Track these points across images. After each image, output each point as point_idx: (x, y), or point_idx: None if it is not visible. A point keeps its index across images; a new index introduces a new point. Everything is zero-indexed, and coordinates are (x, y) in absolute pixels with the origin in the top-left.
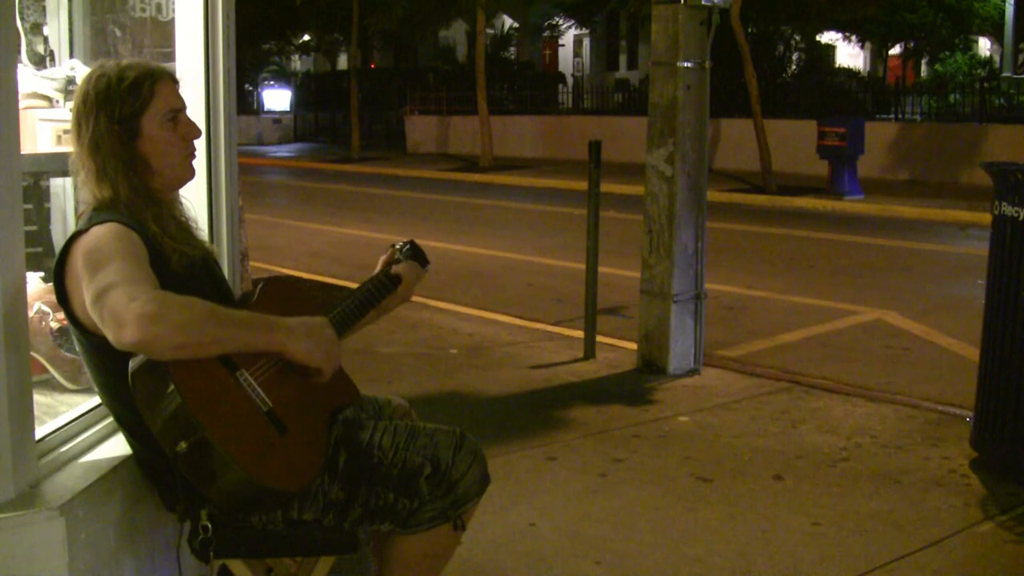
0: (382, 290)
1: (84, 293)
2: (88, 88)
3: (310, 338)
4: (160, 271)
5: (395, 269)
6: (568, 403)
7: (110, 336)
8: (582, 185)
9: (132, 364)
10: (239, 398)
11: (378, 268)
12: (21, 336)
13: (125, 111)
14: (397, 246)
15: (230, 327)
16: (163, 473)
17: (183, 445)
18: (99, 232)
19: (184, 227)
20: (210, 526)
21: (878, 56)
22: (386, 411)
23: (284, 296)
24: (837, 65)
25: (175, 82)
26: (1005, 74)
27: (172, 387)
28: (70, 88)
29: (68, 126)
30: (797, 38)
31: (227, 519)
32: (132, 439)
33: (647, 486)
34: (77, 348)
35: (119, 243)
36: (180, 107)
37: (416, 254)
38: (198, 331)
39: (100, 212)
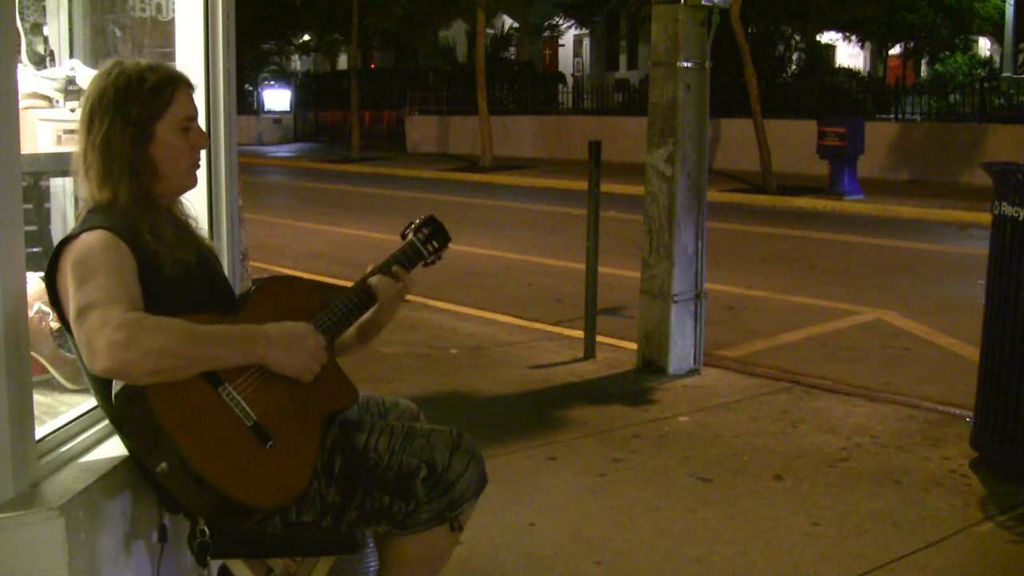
0: (360, 306)
1: (69, 305)
2: (106, 85)
3: (291, 349)
4: (151, 280)
5: (371, 281)
6: (568, 403)
7: (85, 362)
8: (582, 185)
9: (115, 384)
10: (221, 414)
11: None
12: (21, 336)
13: (143, 114)
14: (413, 225)
15: (207, 346)
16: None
17: (164, 466)
18: (88, 240)
19: (183, 227)
20: (207, 530)
21: (878, 56)
22: (393, 413)
23: (281, 296)
24: (837, 65)
25: (192, 88)
26: (1005, 74)
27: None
28: (70, 88)
29: (68, 126)
30: (797, 38)
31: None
32: (127, 441)
33: (647, 486)
34: (73, 350)
35: (104, 255)
36: (194, 115)
37: (436, 234)
38: (171, 355)
39: (94, 215)
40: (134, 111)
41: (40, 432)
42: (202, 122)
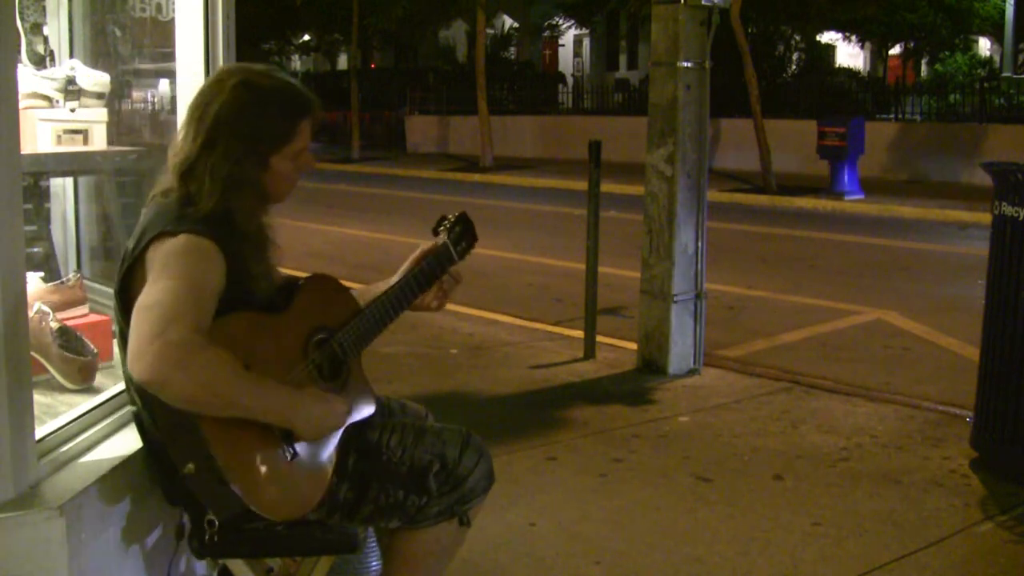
0: (392, 311)
1: (143, 290)
2: (233, 105)
3: (319, 430)
4: (236, 298)
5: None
6: (568, 403)
7: (128, 359)
8: (582, 185)
9: None
10: (255, 423)
11: (415, 255)
12: (21, 336)
13: (265, 146)
14: (446, 222)
15: (249, 398)
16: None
17: (191, 467)
18: (187, 243)
19: (265, 237)
20: (216, 521)
21: (878, 56)
22: (398, 414)
23: (324, 295)
24: (837, 65)
25: (315, 115)
26: (1005, 74)
27: None
28: (70, 88)
29: (68, 126)
30: (797, 38)
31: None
32: (153, 425)
33: (647, 486)
34: (115, 328)
35: (196, 264)
36: (309, 143)
37: (466, 232)
38: (213, 393)
39: (196, 219)
40: (257, 143)
41: (40, 432)
42: None
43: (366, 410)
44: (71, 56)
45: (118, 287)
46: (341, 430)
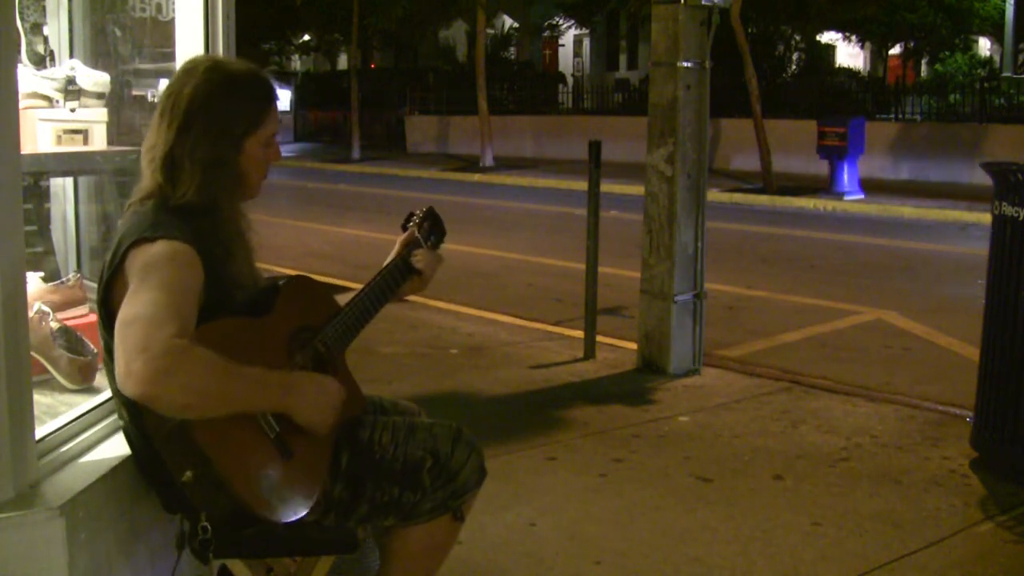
0: (400, 281)
1: (124, 303)
2: (210, 89)
3: (319, 410)
4: (213, 299)
5: (416, 262)
6: (568, 403)
7: (117, 379)
8: (582, 185)
9: None
10: (248, 425)
11: (395, 249)
12: (21, 336)
13: (241, 128)
14: (415, 218)
15: (244, 390)
16: (166, 477)
17: (189, 475)
18: (164, 250)
19: (243, 235)
20: (209, 527)
21: (878, 56)
22: (389, 411)
23: (305, 296)
24: (837, 65)
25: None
26: (1005, 74)
27: None
28: (70, 88)
29: (68, 126)
30: (797, 38)
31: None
32: (141, 439)
33: (647, 486)
34: (101, 341)
35: (175, 271)
36: (277, 130)
37: (435, 227)
38: (208, 395)
39: (171, 219)
40: (234, 124)
41: (40, 432)
42: None
43: (355, 408)
44: (71, 56)
45: (100, 298)
46: (334, 428)
